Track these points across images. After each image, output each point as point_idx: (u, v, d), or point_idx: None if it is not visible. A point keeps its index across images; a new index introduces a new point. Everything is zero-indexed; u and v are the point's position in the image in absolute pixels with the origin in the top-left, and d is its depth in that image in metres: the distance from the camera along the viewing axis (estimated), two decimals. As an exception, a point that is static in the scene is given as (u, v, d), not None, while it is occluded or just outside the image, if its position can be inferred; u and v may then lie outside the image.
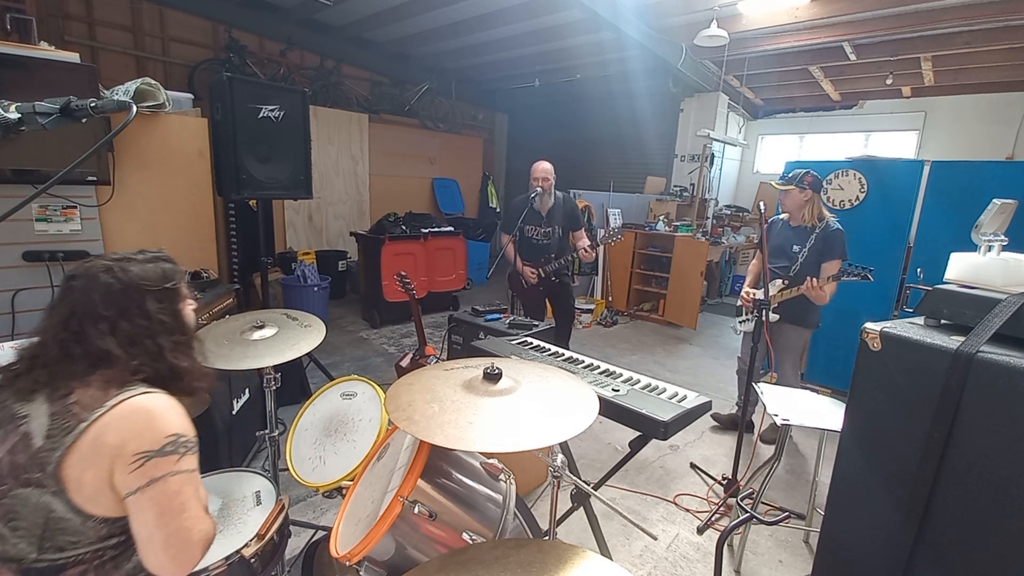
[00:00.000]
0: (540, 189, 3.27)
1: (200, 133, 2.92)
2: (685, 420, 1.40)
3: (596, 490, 1.28)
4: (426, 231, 5.45)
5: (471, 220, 8.17)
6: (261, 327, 1.70)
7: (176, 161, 2.83)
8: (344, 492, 1.41)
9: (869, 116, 7.05)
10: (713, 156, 6.96)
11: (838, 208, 3.80)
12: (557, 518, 1.33)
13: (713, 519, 2.38)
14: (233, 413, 2.43)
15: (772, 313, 2.71)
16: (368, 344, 4.73)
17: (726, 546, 2.18)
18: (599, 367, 1.71)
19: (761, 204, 2.56)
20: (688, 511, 2.49)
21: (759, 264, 3.12)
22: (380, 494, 1.13)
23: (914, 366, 1.12)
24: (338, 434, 1.67)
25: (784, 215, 2.95)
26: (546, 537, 1.26)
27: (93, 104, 1.03)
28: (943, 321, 1.21)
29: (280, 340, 1.66)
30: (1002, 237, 1.27)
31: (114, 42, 5.26)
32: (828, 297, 2.67)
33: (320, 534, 1.86)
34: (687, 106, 7.10)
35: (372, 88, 7.51)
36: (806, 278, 2.66)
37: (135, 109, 1.08)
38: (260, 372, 1.73)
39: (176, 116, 2.91)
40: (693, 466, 2.87)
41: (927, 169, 3.54)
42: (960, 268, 1.27)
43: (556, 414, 1.03)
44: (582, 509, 1.75)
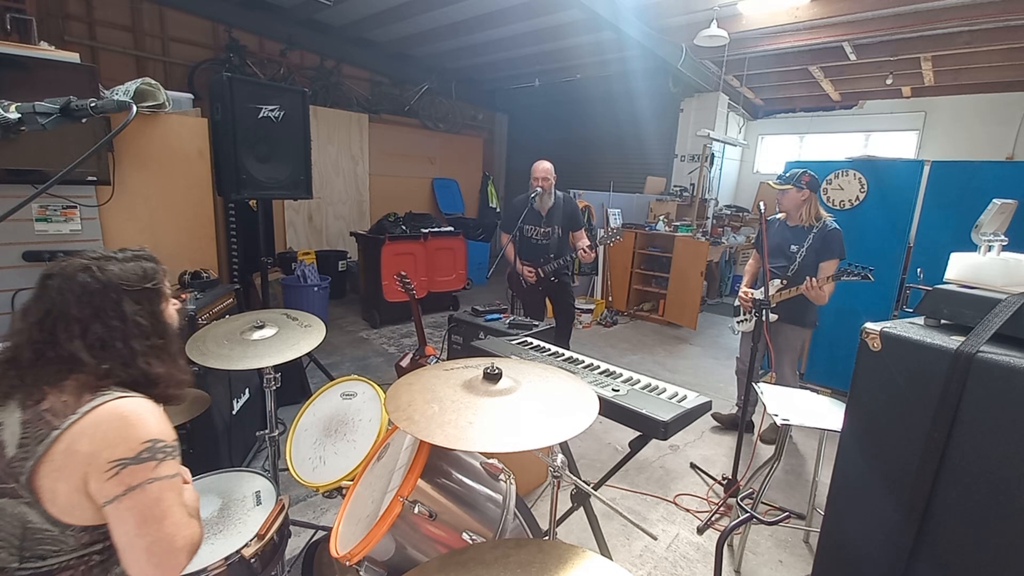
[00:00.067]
0: (540, 189, 3.27)
1: (200, 133, 2.92)
2: (685, 420, 1.40)
3: (596, 490, 1.28)
4: (426, 231, 5.45)
5: (471, 220, 8.17)
6: (261, 327, 1.70)
7: (176, 161, 2.83)
8: (344, 492, 1.41)
9: (869, 116, 7.06)
10: (713, 156, 6.96)
11: (838, 208, 3.80)
12: (557, 518, 1.33)
13: (713, 519, 2.38)
14: (233, 413, 2.43)
15: (771, 313, 2.70)
16: (368, 344, 4.73)
17: (726, 546, 2.18)
18: (599, 367, 1.71)
19: (761, 204, 2.57)
20: (688, 511, 2.49)
21: (756, 264, 3.12)
22: (380, 494, 1.13)
23: (914, 366, 1.12)
24: (338, 434, 1.67)
25: (781, 215, 2.95)
26: (546, 537, 1.26)
27: (93, 104, 1.03)
28: (943, 321, 1.21)
29: (280, 340, 1.66)
30: (1002, 237, 1.27)
31: (114, 42, 5.26)
32: (827, 296, 2.67)
33: (320, 534, 1.86)
34: (687, 106, 7.10)
35: (372, 88, 7.51)
36: (805, 278, 2.66)
37: (135, 109, 1.08)
38: (260, 372, 1.74)
39: (176, 116, 2.90)
40: (693, 466, 2.87)
41: (927, 169, 3.54)
42: (960, 268, 1.27)
43: (556, 414, 1.03)
44: (582, 509, 1.75)
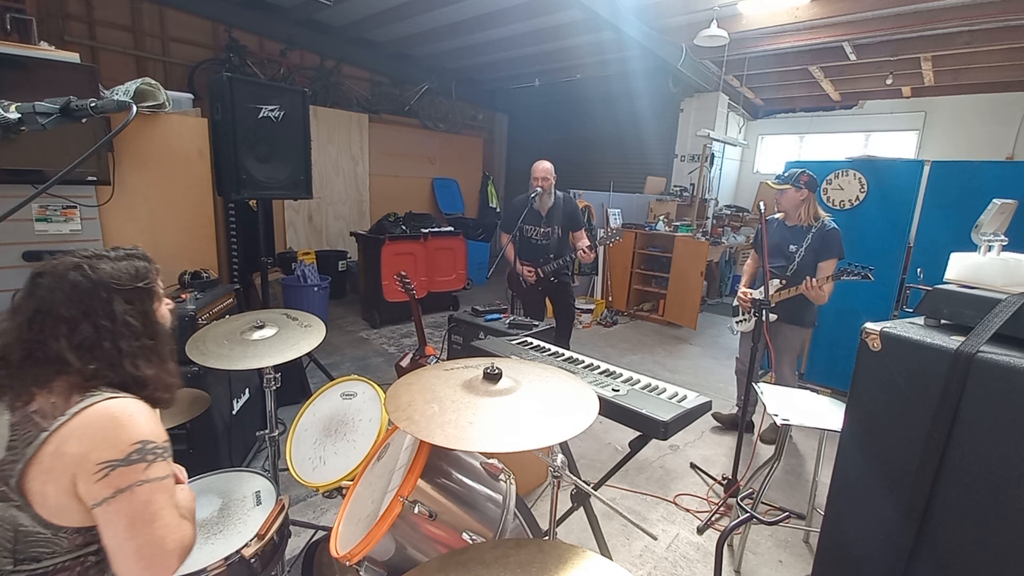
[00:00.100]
0: (540, 189, 3.26)
1: (200, 133, 2.92)
2: (685, 420, 1.40)
3: (596, 490, 1.28)
4: (426, 231, 5.45)
5: (471, 220, 8.17)
6: (261, 327, 1.70)
7: (176, 161, 2.83)
8: (344, 492, 1.41)
9: (869, 116, 7.06)
10: (713, 156, 6.96)
11: (838, 208, 3.80)
12: (557, 518, 1.33)
13: (713, 519, 2.38)
14: (233, 413, 2.43)
15: (770, 313, 2.70)
16: (368, 344, 4.73)
17: (726, 546, 2.18)
18: (599, 367, 1.71)
19: (761, 204, 2.57)
20: (688, 511, 2.49)
21: (754, 264, 3.13)
22: (380, 494, 1.13)
23: (914, 366, 1.12)
24: (338, 434, 1.67)
25: (779, 215, 2.95)
26: (546, 537, 1.26)
27: (93, 104, 1.03)
28: (943, 321, 1.21)
29: (280, 340, 1.66)
30: (1002, 237, 1.27)
31: (114, 42, 5.26)
32: (827, 296, 2.67)
33: (320, 534, 1.86)
34: (687, 106, 7.10)
35: (372, 88, 7.51)
36: (804, 277, 2.66)
37: (135, 109, 1.08)
38: (260, 372, 1.73)
39: (176, 116, 2.91)
40: (693, 466, 2.87)
41: (927, 169, 3.54)
42: (960, 268, 1.27)
43: (556, 414, 1.03)
44: (582, 509, 1.74)
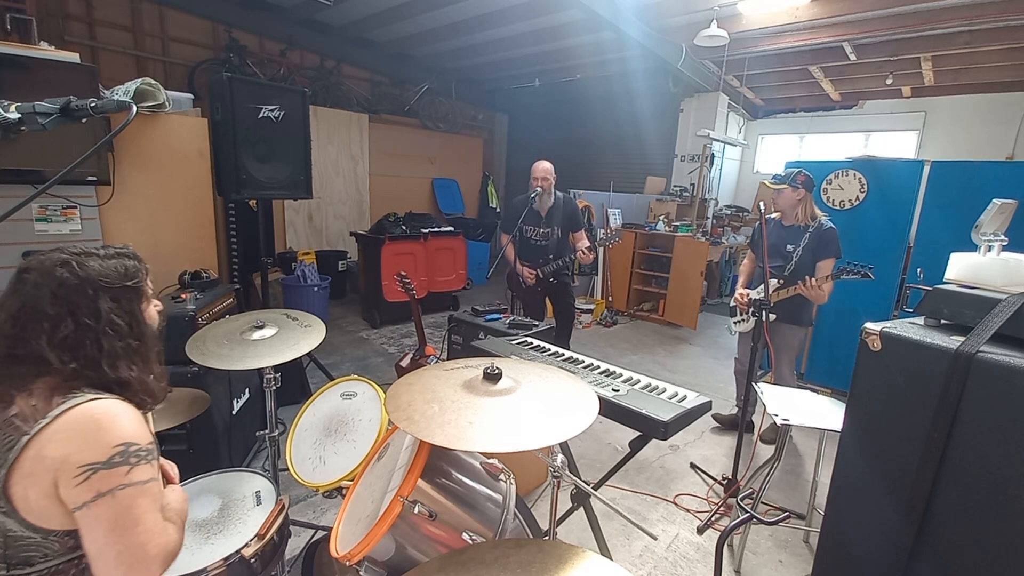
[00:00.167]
0: (540, 189, 3.27)
1: (200, 133, 2.92)
2: (685, 420, 1.40)
3: (596, 490, 1.28)
4: (426, 231, 5.45)
5: (471, 220, 8.17)
6: (261, 327, 1.70)
7: (176, 161, 2.83)
8: (344, 492, 1.41)
9: (869, 116, 7.05)
10: (713, 156, 6.96)
11: (838, 208, 3.80)
12: (557, 518, 1.33)
13: (713, 519, 2.38)
14: (233, 413, 2.42)
15: (769, 313, 2.71)
16: (368, 344, 4.73)
17: (726, 546, 2.18)
18: (599, 367, 1.71)
19: (761, 204, 2.57)
20: (688, 511, 2.49)
21: (750, 264, 3.13)
22: (380, 494, 1.13)
23: (914, 366, 1.12)
24: (338, 434, 1.67)
25: (776, 214, 2.95)
26: (546, 537, 1.26)
27: (93, 104, 1.03)
28: (943, 321, 1.21)
29: (280, 340, 1.66)
30: (1002, 237, 1.27)
31: (114, 42, 5.26)
32: (827, 295, 2.68)
33: (320, 534, 1.86)
34: (687, 106, 7.10)
35: (372, 88, 7.51)
36: (803, 277, 2.66)
37: (135, 109, 1.08)
38: (260, 372, 1.73)
39: (176, 116, 2.91)
40: (693, 466, 2.87)
41: (927, 169, 3.54)
42: (960, 268, 1.27)
43: (556, 414, 1.03)
44: (582, 509, 1.74)
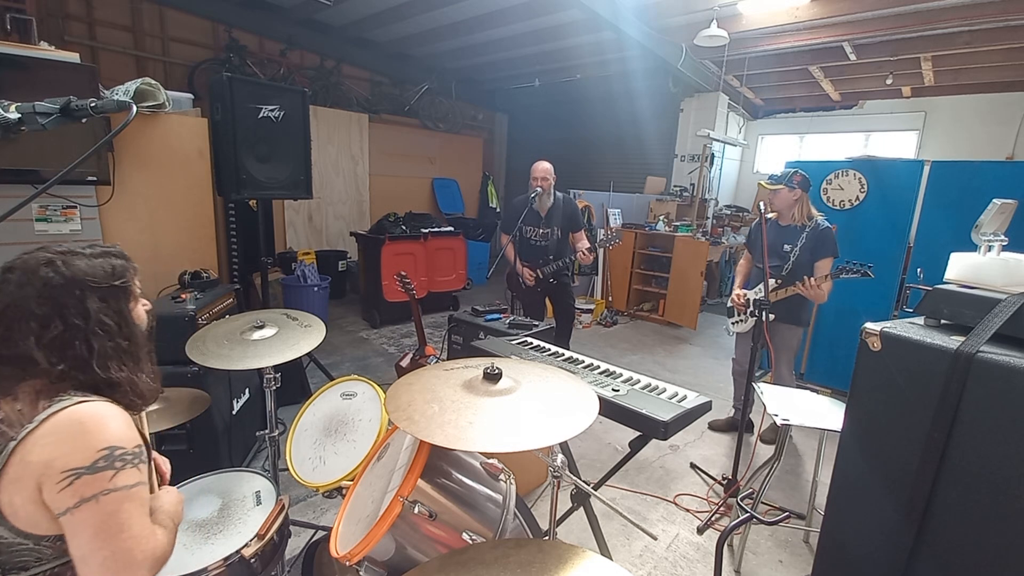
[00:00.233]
0: (540, 189, 3.26)
1: (200, 133, 2.92)
2: (685, 420, 1.40)
3: (596, 490, 1.28)
4: (426, 231, 5.45)
5: (471, 220, 8.17)
6: (261, 327, 1.70)
7: (176, 161, 2.83)
8: (344, 492, 1.41)
9: (869, 116, 7.05)
10: (713, 156, 6.96)
11: (838, 208, 3.80)
12: (557, 518, 1.33)
13: (713, 519, 2.37)
14: (233, 413, 2.43)
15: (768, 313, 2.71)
16: (368, 344, 4.73)
17: (726, 546, 2.18)
18: (599, 367, 1.71)
19: (761, 204, 2.57)
20: (688, 511, 2.49)
21: (747, 264, 3.13)
22: (380, 494, 1.13)
23: (914, 366, 1.12)
24: (338, 434, 1.67)
25: (772, 214, 2.95)
26: (546, 537, 1.26)
27: (93, 104, 1.03)
28: (943, 321, 1.21)
29: (280, 340, 1.66)
30: (1002, 237, 1.27)
31: (114, 42, 5.26)
32: (826, 295, 2.68)
33: (320, 534, 1.86)
34: (687, 106, 7.10)
35: (372, 88, 7.51)
36: (801, 277, 2.67)
37: (135, 109, 1.07)
38: (260, 372, 1.73)
39: (176, 116, 2.91)
40: (693, 466, 2.87)
41: (927, 169, 3.54)
42: (960, 268, 1.27)
43: (556, 414, 1.03)
44: (582, 509, 1.74)
